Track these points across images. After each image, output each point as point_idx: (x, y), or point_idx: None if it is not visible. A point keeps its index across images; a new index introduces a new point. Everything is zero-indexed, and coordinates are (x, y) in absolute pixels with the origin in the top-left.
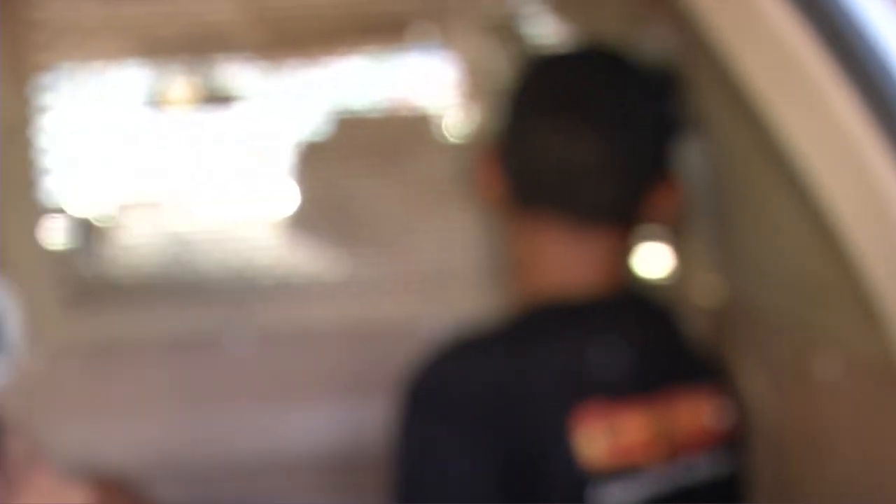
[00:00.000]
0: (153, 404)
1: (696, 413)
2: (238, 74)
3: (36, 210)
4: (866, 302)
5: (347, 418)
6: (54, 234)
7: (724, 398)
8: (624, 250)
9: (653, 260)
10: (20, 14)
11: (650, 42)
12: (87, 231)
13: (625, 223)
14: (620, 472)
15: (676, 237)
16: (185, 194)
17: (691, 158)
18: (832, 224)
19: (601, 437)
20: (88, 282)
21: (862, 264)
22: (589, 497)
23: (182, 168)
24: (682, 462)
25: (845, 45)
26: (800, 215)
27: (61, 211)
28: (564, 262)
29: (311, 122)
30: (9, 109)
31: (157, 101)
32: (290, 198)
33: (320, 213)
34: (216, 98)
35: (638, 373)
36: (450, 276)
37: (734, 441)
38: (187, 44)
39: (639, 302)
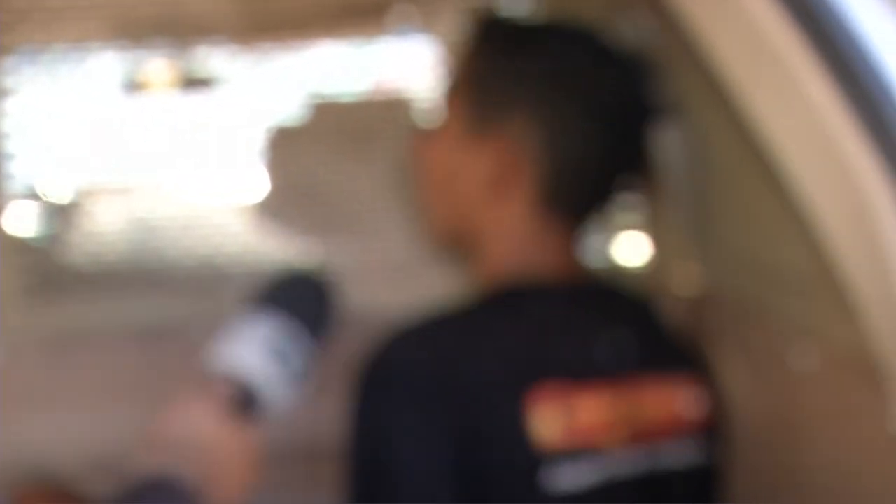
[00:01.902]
0: (119, 395)
1: (666, 400)
2: (213, 58)
3: None
4: (842, 292)
5: (319, 407)
6: (17, 221)
7: (699, 388)
8: (585, 236)
9: (631, 248)
10: None
11: (628, 27)
12: (52, 218)
13: (595, 212)
14: (575, 452)
15: (655, 226)
16: (152, 180)
17: (669, 146)
18: (808, 214)
19: (556, 417)
20: (53, 269)
21: (838, 255)
22: (542, 477)
23: (150, 153)
24: (646, 448)
25: (821, 32)
26: (777, 205)
27: (25, 197)
28: (532, 248)
29: (287, 107)
30: None
31: (128, 85)
32: (261, 184)
33: (291, 200)
34: (190, 82)
35: (603, 357)
36: (423, 263)
37: (709, 432)
38: (161, 27)
39: (608, 290)
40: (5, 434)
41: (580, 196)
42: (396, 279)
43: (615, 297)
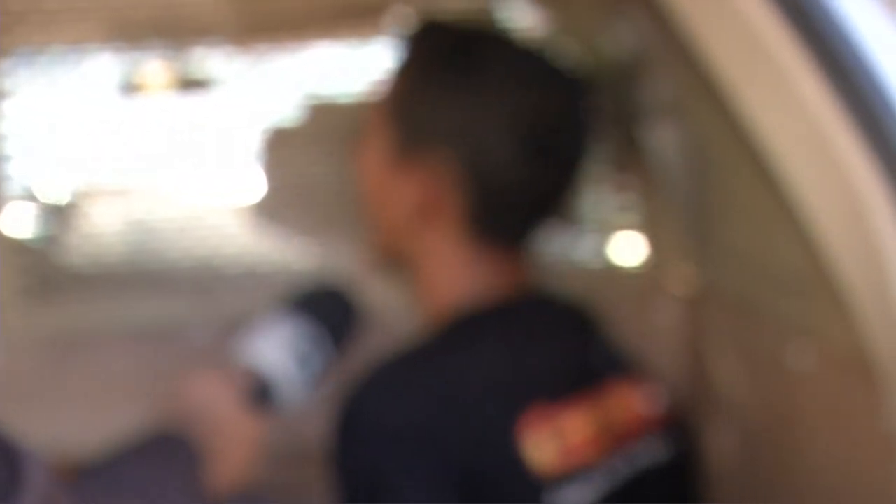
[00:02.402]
0: (117, 396)
1: (629, 402)
2: (210, 60)
3: None
4: (839, 292)
5: (319, 407)
6: (15, 223)
7: (649, 386)
8: (531, 256)
9: (627, 248)
10: None
11: (623, 27)
12: (50, 219)
13: (533, 234)
14: (573, 473)
15: (651, 225)
16: (150, 181)
17: (666, 146)
18: (803, 214)
19: (548, 441)
20: (51, 271)
21: (833, 255)
22: (546, 502)
23: (147, 155)
24: (626, 452)
25: (815, 30)
26: (774, 205)
27: (23, 199)
28: (469, 273)
29: (284, 109)
30: None
31: (125, 87)
32: (258, 185)
33: (289, 201)
34: (187, 84)
35: (569, 371)
36: None
37: (670, 426)
38: (157, 28)
39: (555, 304)
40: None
41: (512, 220)
42: (393, 280)
43: (563, 310)
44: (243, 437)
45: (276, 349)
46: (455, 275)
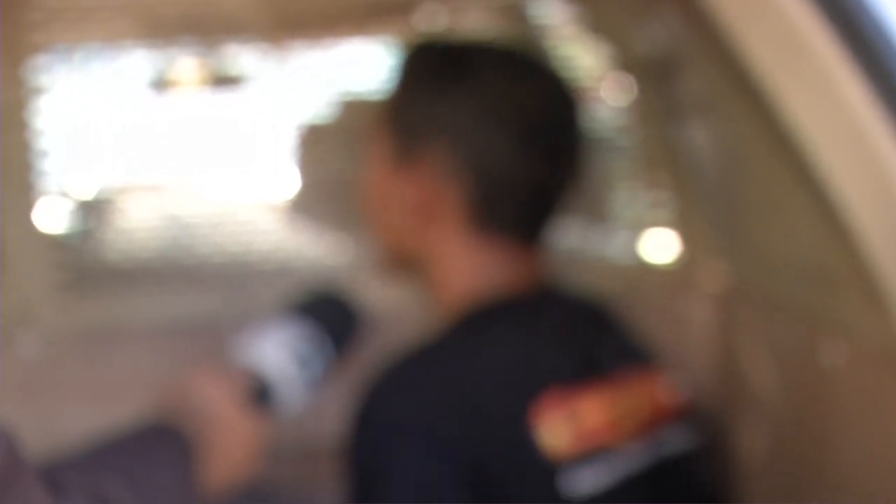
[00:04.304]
0: (150, 390)
1: (652, 391)
2: (242, 57)
3: (32, 193)
4: (871, 288)
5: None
6: (51, 218)
7: (671, 376)
8: (545, 250)
9: (659, 245)
10: None
11: (656, 25)
12: (85, 215)
13: (539, 229)
14: (589, 455)
15: (683, 222)
16: (184, 177)
17: (697, 143)
18: (838, 210)
19: (563, 424)
20: (86, 266)
21: (867, 251)
22: (562, 485)
23: (182, 151)
24: (648, 439)
25: (852, 27)
26: (806, 201)
27: (58, 194)
28: (479, 269)
29: (317, 106)
30: (4, 91)
31: (158, 83)
32: (291, 181)
33: (322, 197)
34: (220, 80)
35: (584, 359)
36: None
37: (689, 417)
38: (190, 25)
39: (566, 297)
40: (40, 428)
41: (514, 214)
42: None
43: (578, 303)
44: (240, 436)
45: (276, 351)
46: (464, 271)
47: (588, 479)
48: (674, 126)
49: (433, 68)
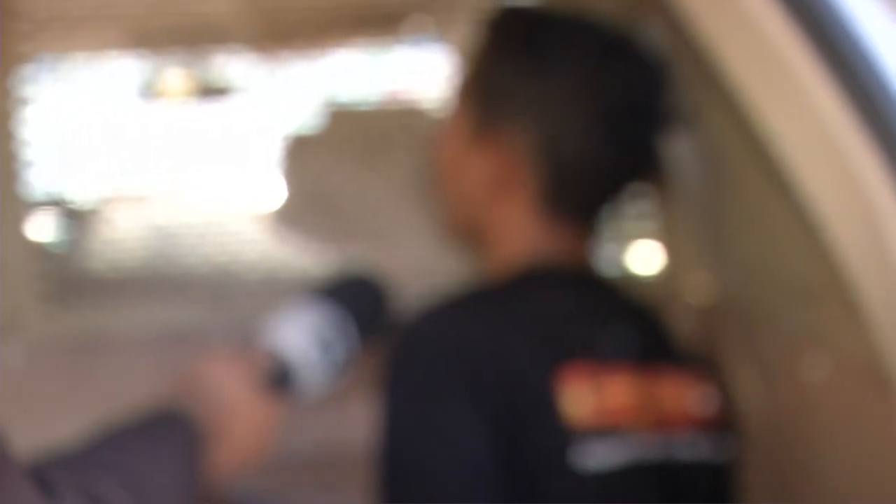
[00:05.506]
0: (137, 400)
1: (681, 394)
2: (230, 67)
3: (19, 204)
4: (852, 302)
5: (334, 415)
6: (36, 228)
7: (709, 387)
8: (596, 238)
9: (644, 257)
10: (3, 3)
11: (640, 37)
12: (72, 225)
13: (604, 214)
14: (605, 431)
15: (668, 235)
16: (171, 187)
17: (682, 156)
18: (817, 223)
19: (587, 395)
20: (72, 276)
21: (847, 264)
22: (573, 454)
23: (168, 161)
24: (668, 436)
25: (830, 42)
26: (790, 215)
27: (45, 204)
28: (540, 246)
29: (304, 116)
30: None
31: (145, 93)
32: (278, 191)
33: (308, 207)
34: (207, 90)
35: (624, 343)
36: (440, 269)
37: (720, 431)
38: (177, 36)
39: (619, 287)
40: (24, 439)
41: (585, 198)
42: (413, 286)
43: (627, 294)
44: (257, 418)
45: (298, 334)
46: (524, 246)
47: (598, 455)
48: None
49: (522, 38)
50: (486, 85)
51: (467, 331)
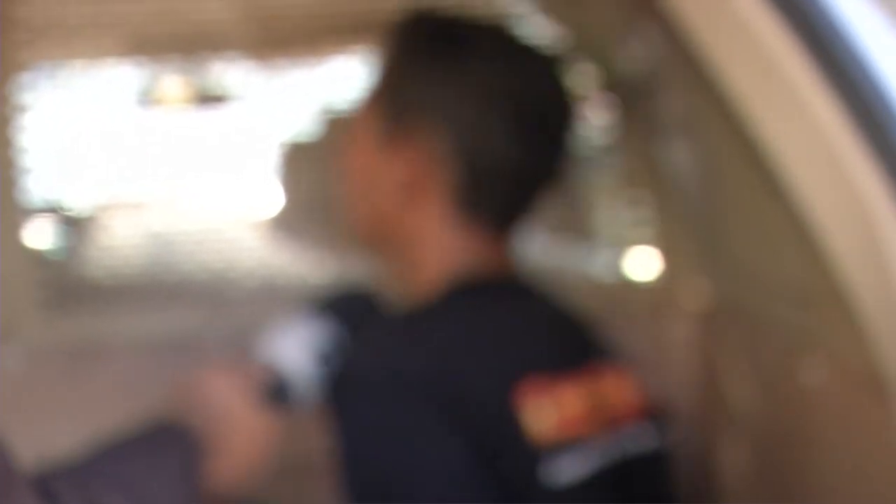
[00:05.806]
0: (134, 407)
1: (621, 387)
2: (227, 74)
3: (16, 210)
4: (850, 307)
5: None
6: (34, 235)
7: (633, 376)
8: (516, 241)
9: (641, 263)
10: (2, 11)
11: (636, 44)
12: (69, 232)
13: (521, 216)
14: (568, 444)
15: (665, 241)
16: (168, 194)
17: (680, 162)
18: (813, 228)
19: (547, 409)
20: (70, 283)
21: (844, 269)
22: (543, 472)
23: (165, 168)
24: (617, 434)
25: (825, 49)
26: (787, 220)
27: (42, 211)
28: (457, 252)
29: (301, 123)
30: None
31: (143, 101)
32: (275, 198)
33: (306, 215)
34: (205, 98)
35: (562, 349)
36: None
37: (656, 416)
38: (175, 43)
39: (536, 288)
40: (23, 445)
41: (501, 199)
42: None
43: (552, 297)
44: (254, 432)
45: (296, 349)
46: (443, 252)
47: (567, 470)
48: (656, 145)
49: (430, 43)
50: (395, 88)
51: (419, 358)
